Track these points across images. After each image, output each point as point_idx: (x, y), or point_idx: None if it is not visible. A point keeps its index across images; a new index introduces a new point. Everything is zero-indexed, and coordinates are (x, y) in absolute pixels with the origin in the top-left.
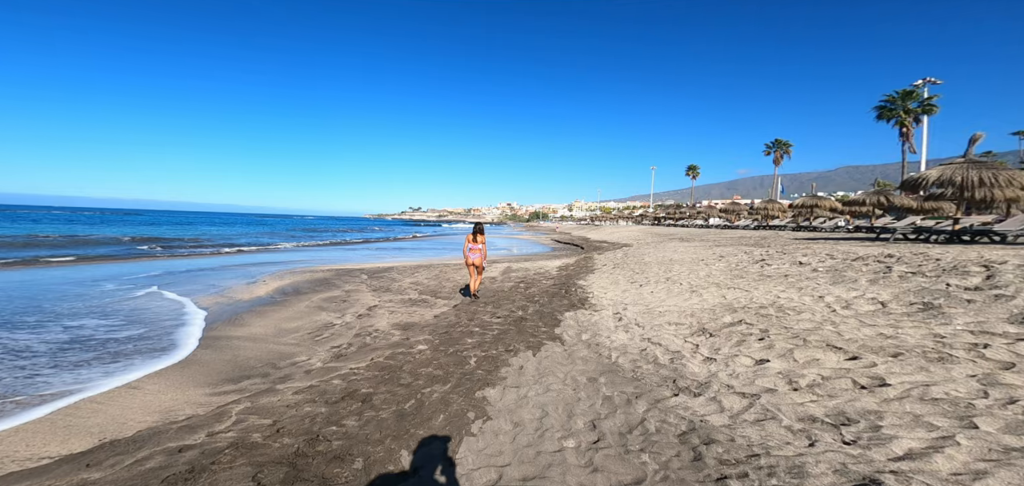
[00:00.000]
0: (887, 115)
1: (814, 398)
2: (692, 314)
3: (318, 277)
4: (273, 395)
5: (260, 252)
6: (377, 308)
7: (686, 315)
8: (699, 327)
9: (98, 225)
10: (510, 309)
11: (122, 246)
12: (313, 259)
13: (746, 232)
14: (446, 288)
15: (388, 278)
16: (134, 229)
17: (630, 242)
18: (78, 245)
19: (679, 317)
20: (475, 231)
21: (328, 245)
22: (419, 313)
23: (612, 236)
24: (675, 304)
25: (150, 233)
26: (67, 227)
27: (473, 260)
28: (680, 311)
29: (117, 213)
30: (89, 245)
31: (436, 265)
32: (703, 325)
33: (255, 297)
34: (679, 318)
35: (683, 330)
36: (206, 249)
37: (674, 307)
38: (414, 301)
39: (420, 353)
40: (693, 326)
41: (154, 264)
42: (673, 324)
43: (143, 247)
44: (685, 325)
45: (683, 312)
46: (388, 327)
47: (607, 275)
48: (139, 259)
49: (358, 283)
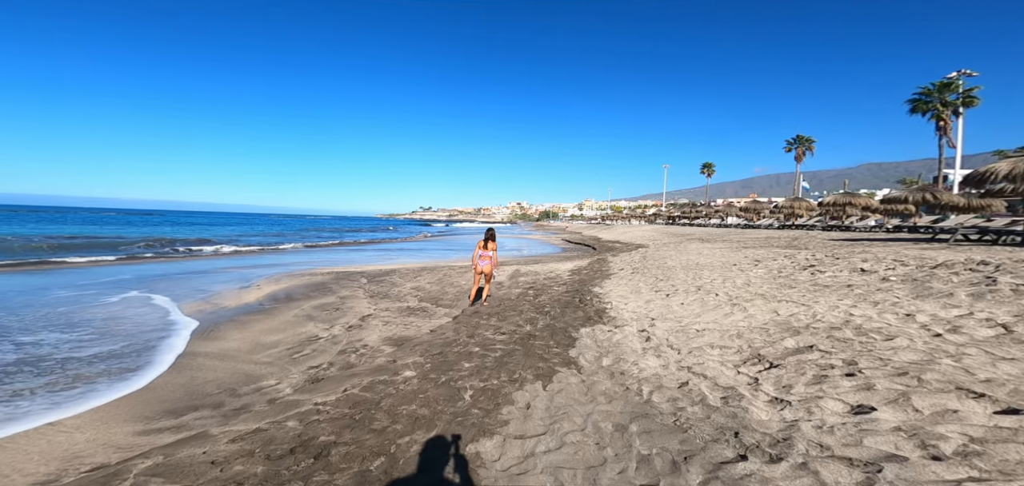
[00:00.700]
0: (922, 108)
1: (978, 479)
2: (739, 335)
3: (316, 281)
4: (205, 442)
5: (263, 253)
6: (371, 318)
7: (731, 336)
8: (753, 353)
9: (112, 225)
10: (517, 323)
11: (123, 247)
12: (316, 261)
13: (772, 232)
14: (449, 294)
15: (388, 282)
16: (151, 230)
17: (645, 243)
18: (74, 249)
19: (723, 338)
20: (487, 237)
21: (335, 246)
22: (415, 325)
23: (625, 236)
24: (714, 320)
25: (163, 233)
26: (79, 228)
27: (482, 268)
28: (723, 330)
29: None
30: (85, 249)
31: (441, 267)
32: (758, 350)
33: (242, 304)
34: (723, 339)
35: (731, 355)
36: (207, 249)
37: (714, 324)
38: (412, 310)
39: (405, 382)
40: (744, 351)
41: (149, 267)
42: (717, 347)
43: (141, 247)
44: (732, 349)
45: (727, 331)
46: (378, 342)
47: (626, 281)
48: (136, 261)
49: (356, 288)
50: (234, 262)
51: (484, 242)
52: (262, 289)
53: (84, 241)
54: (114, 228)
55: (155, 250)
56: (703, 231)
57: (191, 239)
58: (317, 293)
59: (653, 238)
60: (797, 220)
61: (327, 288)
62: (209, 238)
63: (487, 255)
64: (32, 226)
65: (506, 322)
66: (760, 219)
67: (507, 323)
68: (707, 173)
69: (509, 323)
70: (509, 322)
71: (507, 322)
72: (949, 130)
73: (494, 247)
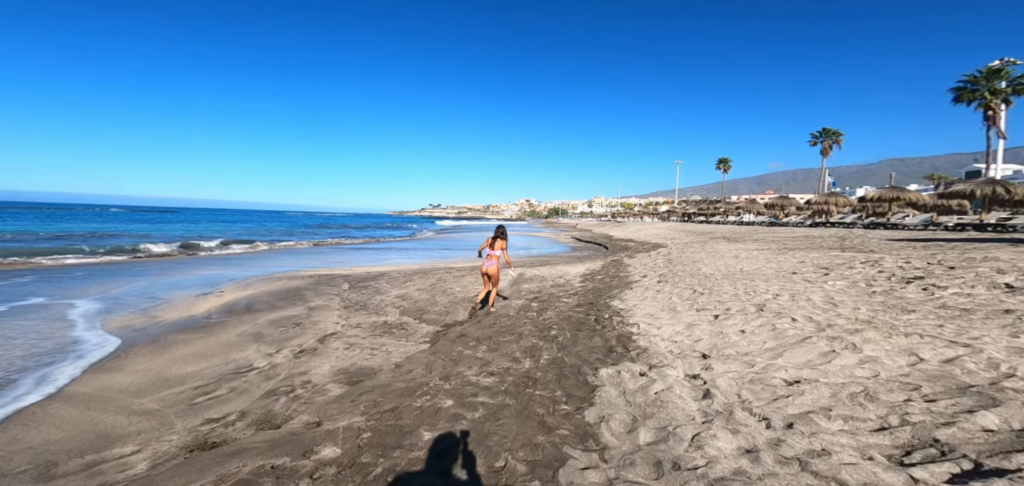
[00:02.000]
0: (967, 97)
1: None
2: (868, 394)
3: (291, 287)
4: None
5: (250, 254)
6: (332, 339)
7: (855, 395)
8: (918, 437)
9: (114, 222)
10: (512, 355)
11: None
12: (306, 262)
13: (808, 230)
14: (437, 306)
15: (372, 289)
16: (153, 227)
17: (663, 242)
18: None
19: (840, 399)
20: (496, 235)
21: (333, 245)
22: (384, 350)
23: (639, 234)
24: (808, 363)
25: (160, 231)
26: (81, 224)
27: (486, 269)
28: (832, 383)
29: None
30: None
31: (437, 270)
32: (930, 433)
33: (186, 317)
34: (841, 401)
35: (874, 438)
36: (186, 250)
37: (812, 370)
38: (388, 327)
39: (316, 473)
40: (897, 430)
41: (111, 270)
42: (838, 417)
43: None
44: (869, 423)
45: (843, 386)
46: (326, 378)
47: (653, 292)
48: (103, 260)
49: (333, 296)
50: (214, 263)
51: (492, 240)
52: (224, 296)
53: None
54: (100, 224)
55: (130, 246)
56: (725, 229)
57: (189, 236)
58: (285, 302)
59: (671, 236)
60: (831, 218)
61: (299, 295)
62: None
63: (494, 255)
64: (15, 223)
65: (498, 352)
66: (785, 216)
67: (499, 354)
68: (723, 169)
69: (502, 354)
70: (502, 352)
71: (499, 352)
72: (999, 119)
73: (503, 246)
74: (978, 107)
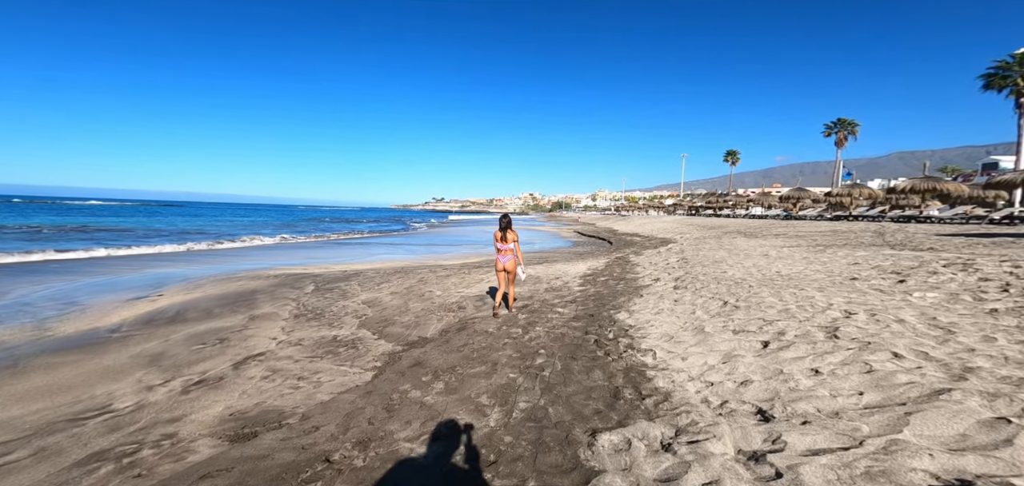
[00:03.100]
0: (998, 84)
1: None
2: None
3: (245, 289)
4: None
5: (213, 251)
6: (254, 362)
7: None
8: None
9: (104, 215)
10: (477, 397)
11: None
12: (279, 260)
13: (835, 225)
14: (408, 314)
15: (339, 291)
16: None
17: (671, 236)
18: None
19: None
20: (502, 227)
21: (317, 241)
22: (311, 383)
23: (644, 228)
24: (959, 436)
25: (149, 224)
26: (65, 218)
27: (504, 265)
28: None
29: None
30: None
31: (421, 269)
32: None
33: (89, 329)
34: None
35: None
36: (147, 246)
37: (965, 447)
38: (337, 344)
39: None
40: None
41: (41, 270)
42: None
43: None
44: None
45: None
46: (202, 428)
47: (669, 303)
48: (43, 258)
49: (287, 301)
50: (179, 260)
51: (502, 233)
52: (157, 302)
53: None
54: (88, 218)
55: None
56: (736, 223)
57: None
58: (227, 309)
59: (679, 231)
60: (853, 210)
61: (248, 301)
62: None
63: (508, 248)
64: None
65: (458, 394)
66: (801, 209)
67: (458, 398)
68: (731, 161)
69: (462, 398)
70: (464, 394)
71: (460, 394)
72: None
73: (515, 238)
74: (1010, 94)
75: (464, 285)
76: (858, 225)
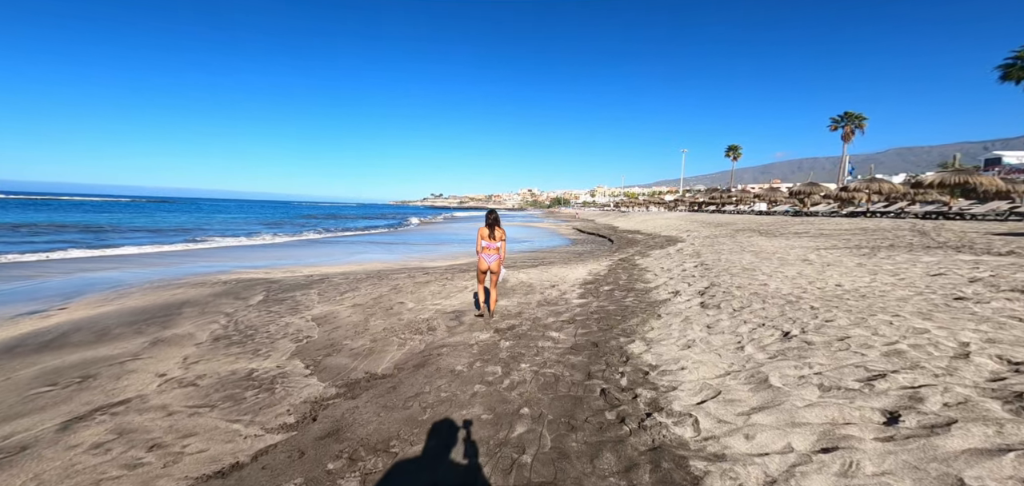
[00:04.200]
0: (1016, 75)
1: None
2: None
3: (174, 299)
4: None
5: (173, 253)
6: (96, 419)
7: None
8: None
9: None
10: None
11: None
12: (242, 262)
13: (862, 222)
14: (365, 336)
15: (291, 303)
16: (127, 218)
17: (677, 234)
18: None
19: None
20: (490, 223)
21: (299, 241)
22: (159, 462)
23: (646, 225)
24: None
25: (131, 222)
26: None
27: (489, 264)
28: None
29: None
30: None
31: (401, 272)
32: None
33: None
34: None
35: None
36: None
37: None
38: (246, 386)
39: None
40: None
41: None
42: None
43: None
44: None
45: None
46: None
47: (698, 328)
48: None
49: (219, 314)
50: (120, 263)
51: (489, 230)
52: (51, 318)
53: None
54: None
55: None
56: (745, 220)
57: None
58: (129, 329)
59: (685, 228)
60: (871, 206)
61: (166, 317)
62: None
63: (494, 247)
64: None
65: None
66: (812, 205)
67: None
68: (733, 156)
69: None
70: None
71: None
72: None
73: (502, 235)
74: None
75: (443, 295)
76: (885, 223)
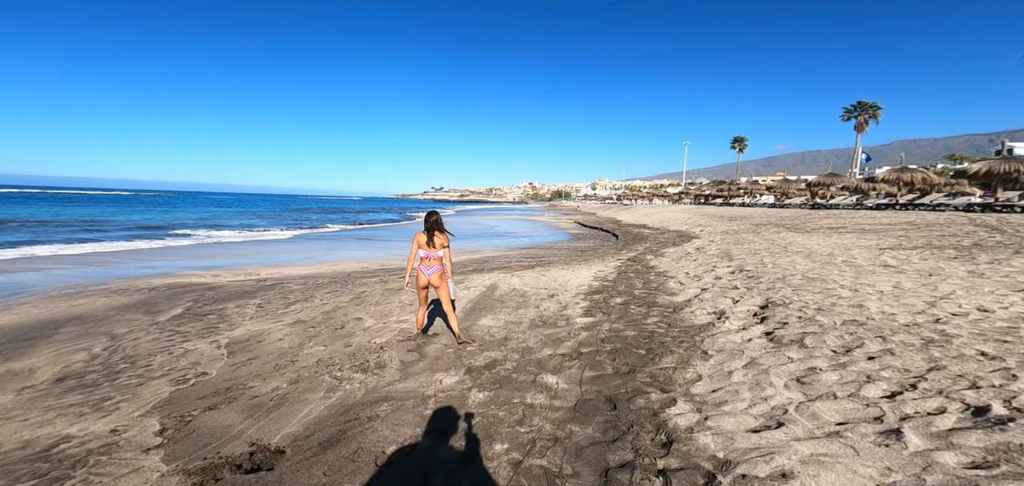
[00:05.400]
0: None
1: None
2: None
3: (61, 315)
4: None
5: (125, 252)
6: None
7: None
8: None
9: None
10: None
11: None
12: (196, 263)
13: (909, 215)
14: (285, 372)
15: (214, 318)
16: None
17: (688, 229)
18: None
19: None
20: (429, 227)
21: (275, 238)
22: None
23: (652, 219)
24: None
25: (114, 217)
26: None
27: (429, 279)
28: None
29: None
30: None
31: (372, 277)
32: None
33: None
34: None
35: None
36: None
37: None
38: (29, 473)
39: None
40: None
41: None
42: None
43: None
44: None
45: None
46: None
47: (784, 380)
48: None
49: (97, 337)
50: (50, 264)
51: (428, 236)
52: None
53: None
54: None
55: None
56: (760, 213)
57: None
58: None
59: (695, 222)
60: (900, 198)
61: (24, 341)
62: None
63: (435, 256)
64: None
65: None
66: (830, 197)
67: None
68: (739, 148)
69: None
70: None
71: None
72: None
73: (445, 242)
74: None
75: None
76: (929, 216)
